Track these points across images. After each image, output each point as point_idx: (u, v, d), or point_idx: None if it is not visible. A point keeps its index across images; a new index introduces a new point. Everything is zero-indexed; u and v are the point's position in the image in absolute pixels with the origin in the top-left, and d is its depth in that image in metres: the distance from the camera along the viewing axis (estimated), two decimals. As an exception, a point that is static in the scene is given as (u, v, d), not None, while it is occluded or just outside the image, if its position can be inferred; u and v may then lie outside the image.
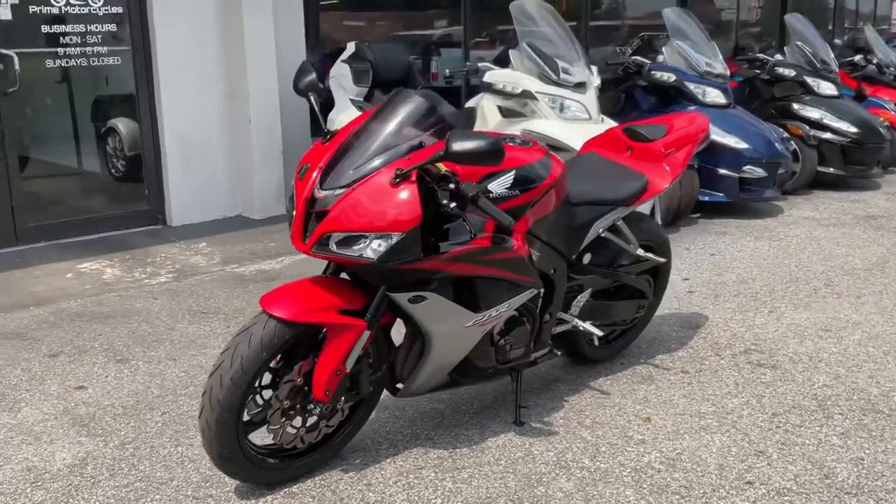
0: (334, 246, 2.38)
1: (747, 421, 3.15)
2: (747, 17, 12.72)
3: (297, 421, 2.61)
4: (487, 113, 5.67)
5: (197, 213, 6.40)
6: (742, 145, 6.52)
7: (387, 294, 2.51)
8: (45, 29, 5.65)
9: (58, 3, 5.67)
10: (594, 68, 5.94)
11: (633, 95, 7.14)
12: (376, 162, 2.41)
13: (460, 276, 2.61)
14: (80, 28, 5.81)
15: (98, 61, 5.96)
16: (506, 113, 5.57)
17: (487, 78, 5.45)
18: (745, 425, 3.11)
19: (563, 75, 5.44)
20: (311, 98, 2.70)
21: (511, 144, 2.81)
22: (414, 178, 2.37)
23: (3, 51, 5.43)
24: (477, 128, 5.68)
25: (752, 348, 3.88)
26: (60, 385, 3.50)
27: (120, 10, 5.98)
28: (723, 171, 6.56)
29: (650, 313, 3.77)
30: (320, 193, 2.42)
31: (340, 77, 6.56)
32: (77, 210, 6.08)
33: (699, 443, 2.99)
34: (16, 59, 5.46)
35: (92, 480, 2.74)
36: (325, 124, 2.66)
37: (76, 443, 3.00)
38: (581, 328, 3.21)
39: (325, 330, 2.53)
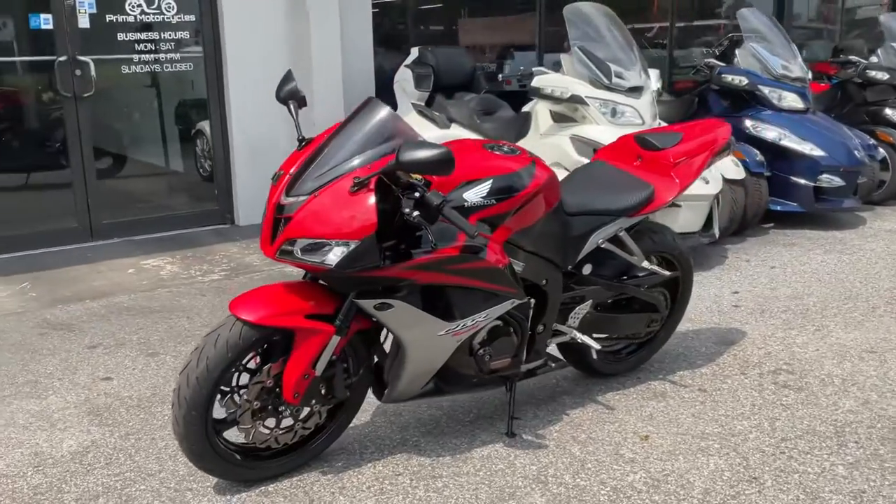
0: (298, 252, 2.42)
1: (751, 444, 3.00)
2: (855, 17, 12.03)
3: (271, 422, 2.67)
4: (540, 118, 5.60)
5: (262, 212, 6.59)
6: (818, 153, 6.19)
7: (353, 301, 2.54)
8: (120, 36, 5.97)
9: (133, 11, 5.98)
10: (654, 73, 5.78)
11: (706, 99, 6.90)
12: (339, 170, 2.44)
13: (431, 285, 2.61)
14: (154, 35, 6.11)
15: (171, 67, 6.25)
16: (557, 118, 5.49)
17: (535, 82, 5.38)
18: (748, 449, 2.97)
19: (615, 79, 5.32)
20: (291, 106, 2.75)
21: (493, 153, 2.78)
22: (372, 186, 2.39)
23: (81, 57, 5.77)
24: (530, 133, 5.69)
25: (782, 368, 3.69)
26: (90, 375, 3.70)
27: (192, 17, 6.26)
28: (797, 180, 6.26)
29: (670, 328, 3.64)
30: (286, 200, 2.47)
31: (403, 82, 6.65)
32: (152, 208, 6.41)
33: (692, 465, 2.87)
34: (92, 65, 5.80)
35: (88, 468, 2.88)
36: (299, 132, 2.69)
37: (85, 431, 3.17)
38: (579, 340, 3.14)
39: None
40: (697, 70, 6.82)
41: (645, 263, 3.24)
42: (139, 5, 6.00)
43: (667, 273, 3.34)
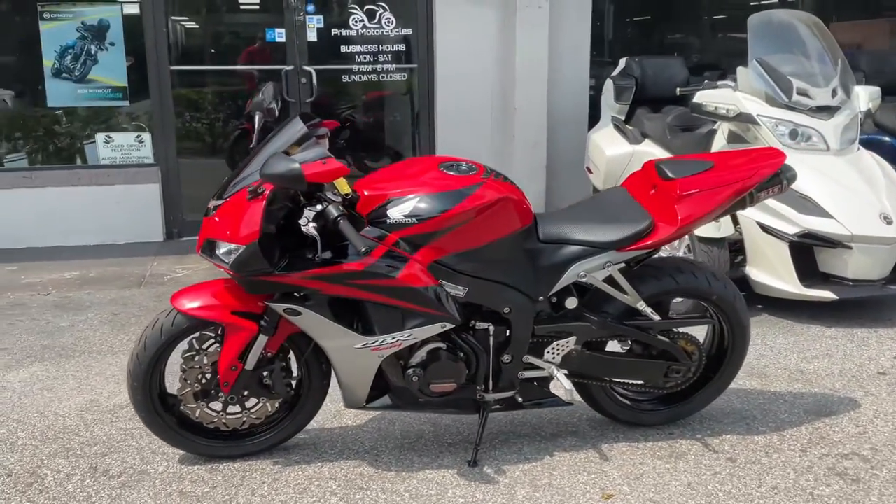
0: (209, 251, 2.62)
1: (720, 531, 2.56)
2: None
3: (216, 405, 2.91)
4: (716, 138, 5.09)
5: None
6: None
7: (266, 303, 2.67)
8: (343, 49, 6.61)
9: (355, 25, 6.59)
10: (869, 91, 4.94)
11: None
12: (251, 178, 2.58)
13: (346, 298, 2.64)
14: (373, 48, 6.66)
15: (386, 77, 6.77)
16: (732, 138, 4.95)
17: (697, 98, 4.88)
18: (709, 535, 2.54)
19: (796, 97, 4.64)
20: (256, 117, 2.93)
21: (439, 171, 2.71)
22: (266, 195, 2.50)
23: (306, 67, 6.51)
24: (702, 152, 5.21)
25: (860, 454, 3.03)
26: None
27: (410, 31, 6.70)
28: None
29: (714, 386, 3.18)
30: (212, 203, 2.68)
31: (606, 93, 6.44)
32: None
33: (625, 537, 2.54)
34: (314, 74, 6.51)
35: (112, 418, 3.37)
36: (254, 143, 2.85)
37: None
38: (556, 376, 2.91)
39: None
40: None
41: (640, 305, 2.89)
42: (361, 20, 6.58)
43: (670, 319, 2.94)
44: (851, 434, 3.20)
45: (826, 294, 4.34)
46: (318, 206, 2.48)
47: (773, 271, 4.47)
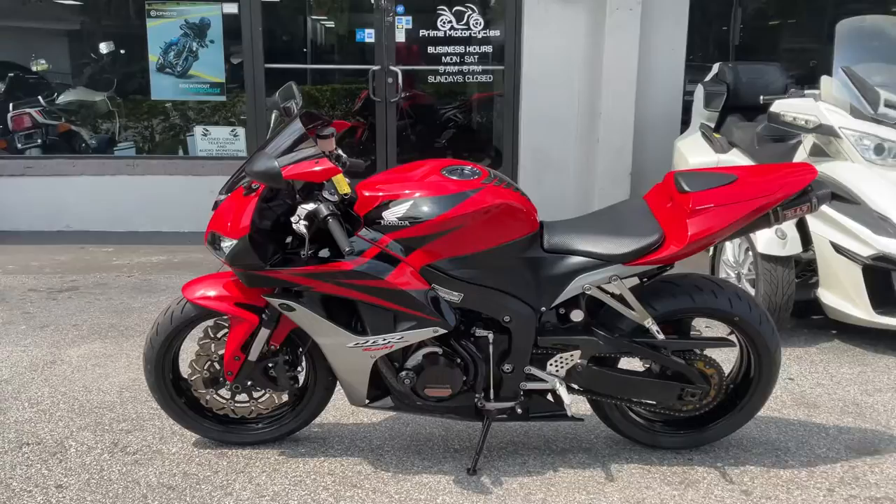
0: (217, 244, 2.70)
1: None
2: None
3: (224, 392, 3.00)
4: (799, 150, 4.79)
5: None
6: None
7: (265, 297, 2.73)
8: (430, 49, 6.66)
9: (443, 27, 6.62)
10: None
11: None
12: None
13: (337, 296, 2.66)
14: (460, 48, 6.67)
15: (472, 78, 6.76)
16: (814, 151, 4.64)
17: (776, 107, 4.59)
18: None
19: (883, 109, 4.30)
20: (273, 115, 2.99)
21: (440, 175, 2.69)
22: (259, 191, 2.56)
23: (392, 67, 6.60)
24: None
25: (894, 499, 2.79)
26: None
27: (497, 32, 6.67)
28: None
29: (739, 414, 3.00)
30: (219, 196, 2.76)
31: (697, 100, 6.18)
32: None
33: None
34: (399, 74, 6.59)
35: (147, 397, 3.53)
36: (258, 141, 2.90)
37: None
38: (557, 390, 2.82)
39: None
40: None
41: (648, 322, 2.76)
42: (449, 21, 6.61)
43: (690, 339, 2.80)
44: (891, 476, 2.94)
45: (898, 323, 4.02)
46: (312, 205, 2.51)
47: (844, 295, 4.17)
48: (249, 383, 2.93)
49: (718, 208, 2.64)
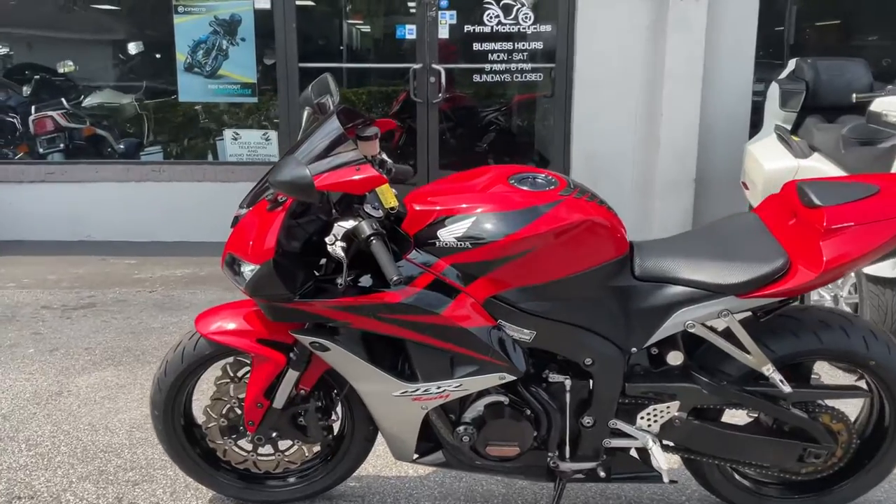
0: (236, 268, 2.22)
1: None
2: None
3: (245, 444, 2.52)
4: (898, 154, 4.21)
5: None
6: None
7: (292, 334, 2.24)
8: (475, 46, 6.15)
9: (490, 22, 6.11)
10: None
11: None
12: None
13: (381, 335, 2.17)
14: (508, 46, 6.16)
15: (521, 77, 6.25)
16: (920, 155, 4.06)
17: (875, 106, 4.03)
18: None
19: None
20: (304, 113, 2.50)
21: (508, 184, 2.18)
22: (286, 206, 2.07)
23: (435, 65, 6.11)
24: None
25: None
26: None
27: (549, 28, 6.15)
28: None
29: (868, 477, 2.45)
30: (238, 211, 2.28)
31: (771, 99, 5.60)
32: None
33: None
34: (443, 72, 6.10)
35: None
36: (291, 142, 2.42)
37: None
38: (650, 449, 2.30)
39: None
40: None
41: (767, 368, 2.22)
42: (496, 16, 6.10)
43: (814, 388, 2.26)
44: None
45: None
46: (351, 222, 2.02)
47: (966, 324, 3.59)
48: (274, 434, 2.45)
49: (860, 227, 2.09)
